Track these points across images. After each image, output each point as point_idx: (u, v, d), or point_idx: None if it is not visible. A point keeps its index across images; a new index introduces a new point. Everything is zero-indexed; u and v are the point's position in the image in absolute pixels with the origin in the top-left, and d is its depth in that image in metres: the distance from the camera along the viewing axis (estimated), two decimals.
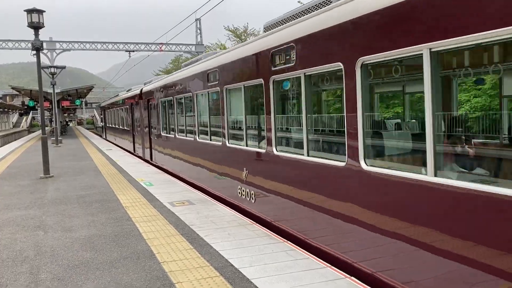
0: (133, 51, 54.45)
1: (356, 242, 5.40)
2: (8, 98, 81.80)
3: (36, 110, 49.71)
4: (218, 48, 44.71)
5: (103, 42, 55.29)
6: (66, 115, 75.16)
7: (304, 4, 7.18)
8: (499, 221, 3.57)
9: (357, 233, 5.34)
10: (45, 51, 49.49)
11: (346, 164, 5.45)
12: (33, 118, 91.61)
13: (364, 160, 5.17)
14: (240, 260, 5.98)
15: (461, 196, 3.91)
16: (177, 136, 13.99)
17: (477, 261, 3.76)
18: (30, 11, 14.96)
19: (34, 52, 16.22)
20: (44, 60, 49.74)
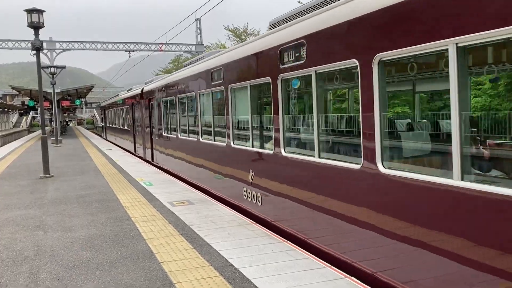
0: (133, 51, 54.45)
1: (373, 249, 5.09)
2: (8, 98, 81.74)
3: (36, 110, 49.69)
4: (218, 48, 44.66)
5: (103, 42, 55.29)
6: (66, 115, 75.16)
7: (312, 0, 6.97)
8: None
9: (374, 240, 5.05)
10: (45, 51, 49.49)
11: (362, 167, 5.16)
12: (33, 118, 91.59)
13: (381, 163, 4.88)
14: (240, 260, 5.98)
15: (491, 202, 3.61)
16: (179, 136, 13.75)
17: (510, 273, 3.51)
18: (30, 11, 14.96)
19: (34, 52, 16.22)
20: (44, 60, 49.80)
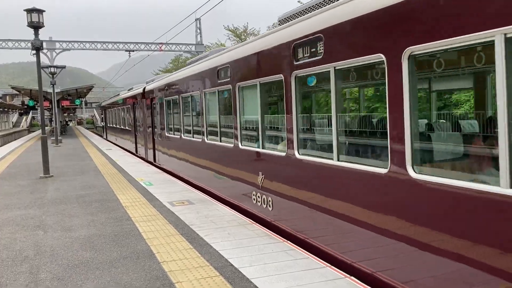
0: (133, 51, 54.52)
1: (404, 263, 4.61)
2: (8, 97, 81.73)
3: (36, 109, 49.68)
4: (218, 48, 44.63)
5: (103, 42, 55.36)
6: (66, 114, 75.12)
7: None
8: None
9: (404, 252, 4.60)
10: (45, 51, 49.60)
11: (389, 171, 4.72)
12: (33, 118, 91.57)
13: (412, 167, 4.45)
14: (240, 259, 5.98)
15: None
16: (183, 137, 13.40)
17: None
18: (30, 11, 14.95)
19: (34, 51, 16.21)
20: (44, 60, 49.87)
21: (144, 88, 19.34)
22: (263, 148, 8.01)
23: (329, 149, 6.03)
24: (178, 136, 13.89)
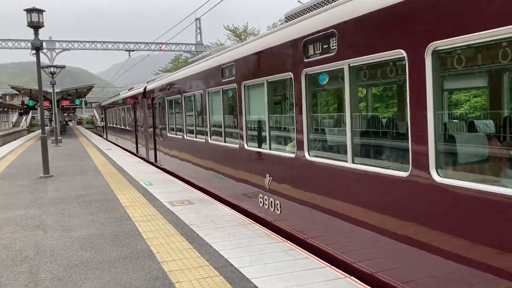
0: (133, 51, 54.50)
1: (429, 273, 4.27)
2: (8, 97, 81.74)
3: (36, 109, 49.70)
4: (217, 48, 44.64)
5: (103, 42, 55.32)
6: (65, 114, 75.16)
7: None
8: None
9: (427, 261, 4.27)
10: (44, 51, 49.53)
11: (410, 175, 4.44)
12: (32, 118, 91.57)
13: (436, 170, 4.18)
14: (239, 259, 5.98)
15: None
16: (185, 137, 13.07)
17: None
18: (29, 11, 14.95)
19: (34, 51, 16.21)
20: (44, 60, 49.84)
21: (145, 88, 19.07)
22: (270, 149, 7.74)
23: (341, 150, 5.79)
24: (180, 137, 13.59)
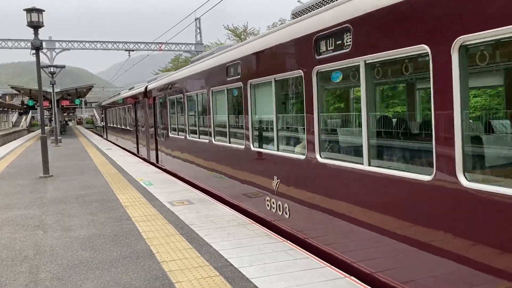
0: (132, 51, 54.52)
1: (463, 284, 3.95)
2: (7, 97, 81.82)
3: (36, 109, 49.75)
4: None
5: (103, 42, 55.33)
6: (65, 114, 75.13)
7: None
8: None
9: (457, 272, 3.99)
10: (44, 51, 49.56)
11: (434, 179, 4.18)
12: (32, 118, 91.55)
13: (463, 174, 3.91)
14: (239, 259, 5.98)
15: None
16: (188, 137, 12.81)
17: None
18: (29, 10, 14.95)
19: (34, 51, 16.21)
20: (44, 60, 49.83)
21: (146, 87, 18.83)
22: (278, 150, 7.47)
23: (355, 152, 5.55)
24: (183, 137, 13.33)
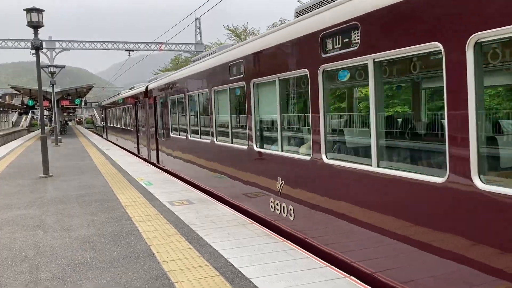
0: (132, 51, 54.53)
1: None
2: (7, 97, 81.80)
3: (36, 109, 49.78)
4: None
5: (103, 42, 55.34)
6: (65, 114, 75.10)
7: None
8: None
9: (471, 277, 3.83)
10: (44, 51, 49.58)
11: (447, 181, 4.03)
12: (32, 118, 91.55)
13: (478, 176, 3.77)
14: (239, 259, 5.98)
15: None
16: (189, 137, 12.69)
17: None
18: (29, 10, 14.95)
19: (34, 51, 16.21)
20: (44, 60, 49.84)
21: (146, 87, 18.74)
22: (282, 150, 7.33)
23: (363, 153, 5.41)
24: (184, 137, 13.23)
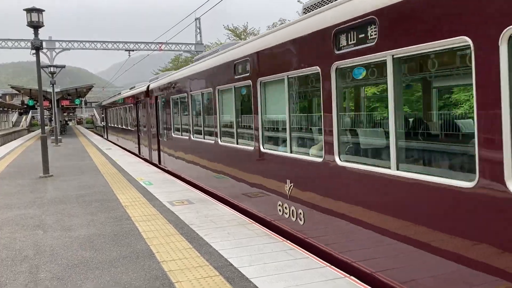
0: (132, 51, 54.51)
1: None
2: (7, 97, 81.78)
3: (36, 109, 49.74)
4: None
5: (103, 42, 55.32)
6: (65, 114, 75.10)
7: None
8: None
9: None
10: (44, 50, 49.54)
11: (477, 186, 3.79)
12: (32, 118, 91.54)
13: None
14: (239, 259, 5.98)
15: None
16: (192, 138, 12.42)
17: None
18: (29, 10, 14.94)
19: (34, 51, 16.21)
20: (44, 60, 49.82)
21: (148, 86, 18.57)
22: (291, 152, 7.06)
23: (380, 155, 5.20)
24: (187, 137, 12.97)
